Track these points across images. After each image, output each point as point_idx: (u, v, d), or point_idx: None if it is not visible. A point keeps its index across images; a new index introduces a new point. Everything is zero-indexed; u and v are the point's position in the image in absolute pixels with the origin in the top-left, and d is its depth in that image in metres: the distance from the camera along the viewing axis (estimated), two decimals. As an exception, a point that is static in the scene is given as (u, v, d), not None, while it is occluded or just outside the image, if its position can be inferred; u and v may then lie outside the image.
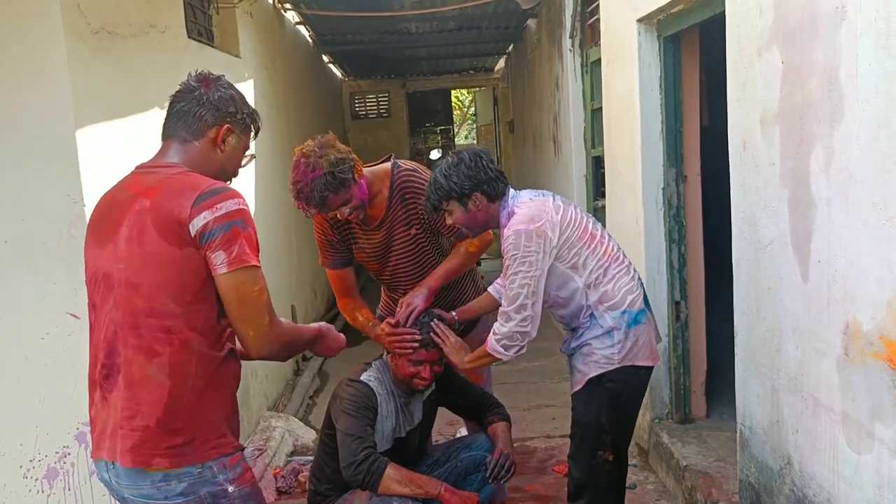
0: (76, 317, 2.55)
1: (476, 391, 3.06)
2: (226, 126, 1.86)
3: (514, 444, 3.16)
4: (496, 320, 2.55)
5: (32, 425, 2.61)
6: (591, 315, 2.53)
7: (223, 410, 1.83)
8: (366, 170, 2.76)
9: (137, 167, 1.86)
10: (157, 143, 1.88)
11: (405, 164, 2.88)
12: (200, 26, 4.26)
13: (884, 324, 1.83)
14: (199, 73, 1.89)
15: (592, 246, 2.51)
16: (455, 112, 17.40)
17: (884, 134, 1.78)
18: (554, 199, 2.55)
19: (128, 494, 1.80)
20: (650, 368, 2.62)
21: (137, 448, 1.74)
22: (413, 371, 2.75)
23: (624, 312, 2.52)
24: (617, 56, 4.02)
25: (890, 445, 1.85)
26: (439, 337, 2.73)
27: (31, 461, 2.62)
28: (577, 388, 2.59)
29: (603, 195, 4.86)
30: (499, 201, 2.55)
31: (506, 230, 2.47)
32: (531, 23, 7.67)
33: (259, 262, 1.78)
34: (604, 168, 4.70)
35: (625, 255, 2.61)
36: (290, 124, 6.41)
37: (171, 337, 1.74)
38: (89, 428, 2.55)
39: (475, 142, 15.35)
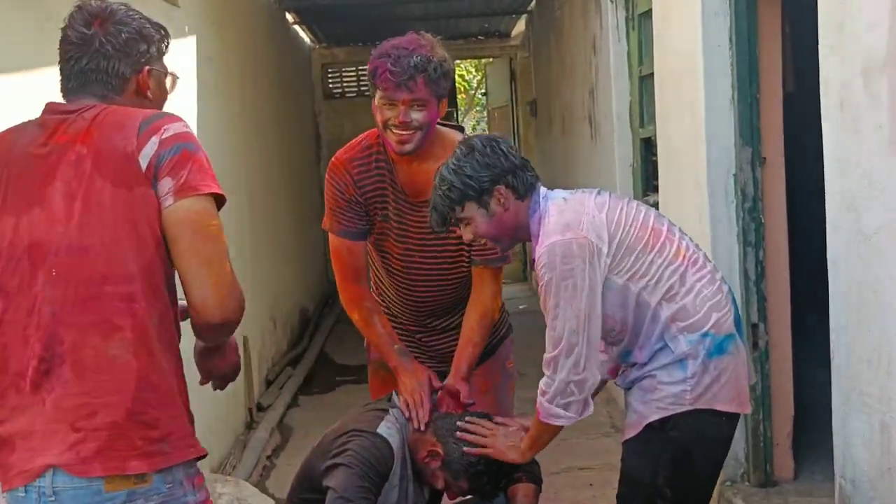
0: None
1: None
2: (145, 70, 1.94)
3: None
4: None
5: None
6: (663, 339, 2.45)
7: (186, 402, 1.89)
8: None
9: (48, 111, 1.90)
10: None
11: None
12: (128, -36, 4.32)
13: None
14: (82, 10, 1.91)
15: (658, 247, 2.45)
16: (459, 96, 17.51)
17: None
18: (598, 195, 2.53)
19: None
20: (735, 417, 2.54)
21: (106, 451, 1.77)
22: (442, 487, 2.79)
23: (705, 336, 2.42)
24: (674, 3, 4.07)
25: None
26: (477, 442, 2.69)
27: None
28: (631, 434, 2.54)
29: (655, 189, 4.89)
30: (528, 200, 2.53)
31: (538, 247, 2.44)
32: (560, -30, 7.75)
33: (222, 192, 1.84)
34: (655, 153, 4.73)
35: (707, 258, 2.57)
36: (244, 99, 6.47)
37: (132, 306, 1.78)
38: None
39: (485, 130, 15.45)
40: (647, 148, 5.22)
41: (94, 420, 1.77)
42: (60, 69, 1.92)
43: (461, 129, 3.02)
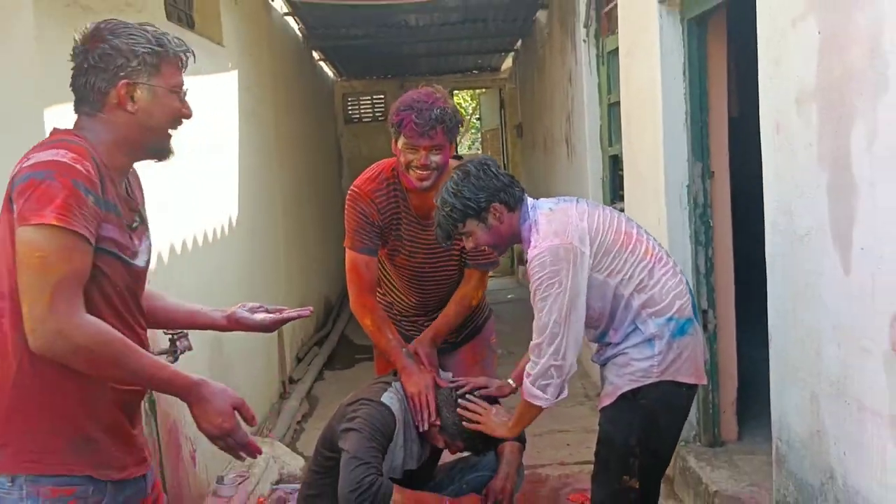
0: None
1: None
2: (121, 83, 1.68)
3: (526, 472, 3.16)
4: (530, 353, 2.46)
5: None
6: (634, 323, 2.45)
7: (63, 423, 1.64)
8: None
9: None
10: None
11: None
12: (180, 10, 4.31)
13: (935, 312, 1.83)
14: (85, 31, 1.72)
15: (631, 247, 2.46)
16: (457, 120, 17.47)
17: (933, 102, 1.79)
18: (577, 204, 2.52)
19: None
20: (694, 388, 2.54)
21: None
22: (442, 446, 2.80)
23: (670, 320, 2.44)
24: (637, 43, 4.06)
25: (944, 448, 1.84)
26: (473, 419, 2.68)
27: None
28: (607, 402, 2.52)
29: (621, 198, 4.88)
30: (518, 211, 2.51)
31: (530, 250, 2.43)
32: (541, 15, 7.73)
33: (61, 221, 1.54)
34: (622, 168, 4.72)
35: (668, 255, 2.57)
36: (277, 124, 6.45)
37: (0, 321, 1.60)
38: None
39: (479, 150, 15.42)
40: (615, 163, 5.21)
41: None
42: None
43: (458, 157, 3.00)
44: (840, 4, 2.15)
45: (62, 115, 2.62)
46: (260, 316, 2.12)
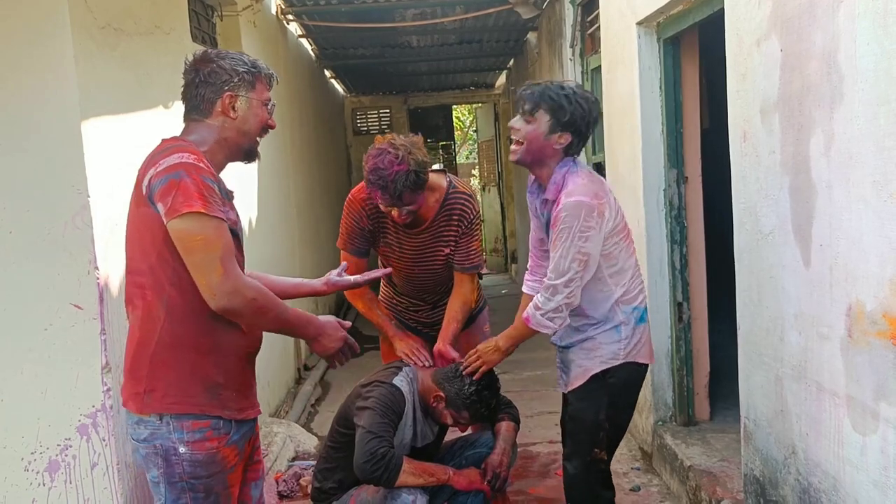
0: (79, 307, 2.55)
1: None
2: (227, 94, 1.94)
3: (519, 450, 3.16)
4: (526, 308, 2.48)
5: (34, 417, 2.59)
6: (609, 311, 2.47)
7: (199, 372, 1.88)
8: None
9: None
10: (161, 137, 1.98)
11: (459, 184, 2.96)
12: (204, 33, 4.31)
13: (887, 301, 1.84)
14: (195, 55, 2.01)
15: (625, 237, 2.49)
16: (456, 133, 17.45)
17: (883, 112, 1.80)
18: (603, 182, 2.52)
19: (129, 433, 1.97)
20: (646, 367, 2.60)
21: (123, 388, 1.95)
22: (451, 423, 2.80)
23: (635, 309, 2.49)
24: (617, 60, 4.06)
25: (895, 424, 1.85)
26: (475, 366, 2.67)
27: (32, 454, 2.60)
28: (578, 383, 2.54)
29: (604, 201, 4.88)
30: (563, 158, 2.44)
31: (564, 197, 2.35)
32: (531, 36, 7.73)
33: (205, 209, 1.78)
34: (604, 174, 4.72)
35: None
36: (293, 138, 6.45)
37: (143, 292, 1.86)
38: (91, 420, 2.57)
39: (476, 158, 15.40)
40: (598, 170, 5.15)
41: (122, 367, 1.96)
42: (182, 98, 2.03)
43: (443, 172, 3.01)
44: (800, 25, 2.15)
45: (98, 128, 2.65)
46: (352, 278, 2.43)
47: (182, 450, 1.86)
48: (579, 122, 2.40)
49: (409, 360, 2.87)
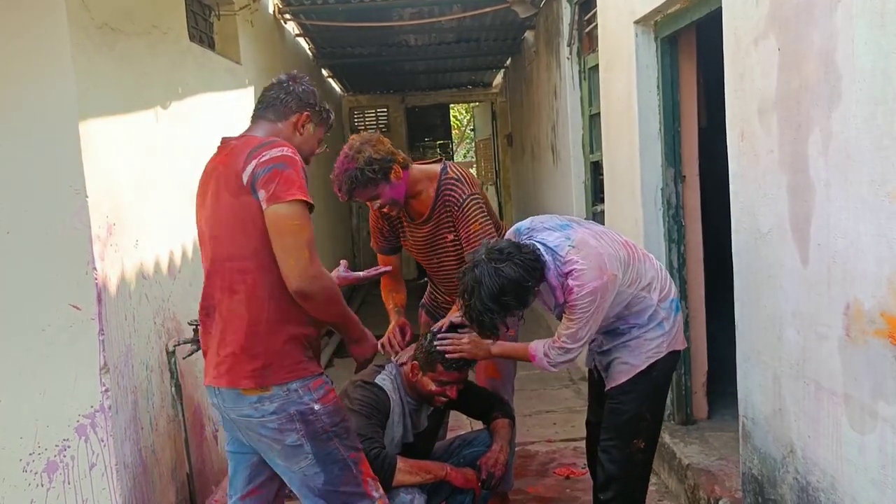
0: (77, 308, 2.55)
1: (482, 392, 3.08)
2: (306, 113, 2.19)
3: (517, 448, 3.16)
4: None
5: (32, 418, 2.59)
6: (652, 312, 2.53)
7: (300, 340, 2.09)
8: (416, 167, 2.93)
9: (221, 141, 2.18)
10: (159, 137, 2.04)
11: (452, 171, 2.98)
12: (202, 32, 4.30)
13: (885, 300, 1.84)
14: (289, 73, 2.25)
15: (634, 256, 2.52)
16: (454, 131, 17.45)
17: (881, 111, 1.80)
18: (580, 227, 2.49)
19: (233, 416, 2.11)
20: (680, 353, 2.66)
21: (229, 372, 2.07)
22: (437, 390, 2.76)
23: (672, 301, 2.57)
24: (615, 59, 4.06)
25: (893, 423, 1.85)
26: (452, 349, 2.69)
27: (30, 454, 2.60)
28: (623, 379, 2.56)
29: (601, 200, 4.88)
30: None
31: (576, 287, 2.35)
32: (528, 35, 7.73)
33: (305, 197, 1.97)
34: (602, 173, 4.73)
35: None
36: (289, 134, 6.43)
37: (245, 277, 2.04)
38: (89, 421, 2.56)
39: (473, 157, 15.40)
40: (596, 169, 5.21)
41: (224, 350, 2.07)
42: (258, 99, 2.23)
43: (440, 160, 3.12)
44: (797, 24, 2.15)
45: (95, 128, 2.64)
46: (356, 274, 2.60)
47: (317, 407, 2.08)
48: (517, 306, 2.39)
49: (382, 350, 2.95)
